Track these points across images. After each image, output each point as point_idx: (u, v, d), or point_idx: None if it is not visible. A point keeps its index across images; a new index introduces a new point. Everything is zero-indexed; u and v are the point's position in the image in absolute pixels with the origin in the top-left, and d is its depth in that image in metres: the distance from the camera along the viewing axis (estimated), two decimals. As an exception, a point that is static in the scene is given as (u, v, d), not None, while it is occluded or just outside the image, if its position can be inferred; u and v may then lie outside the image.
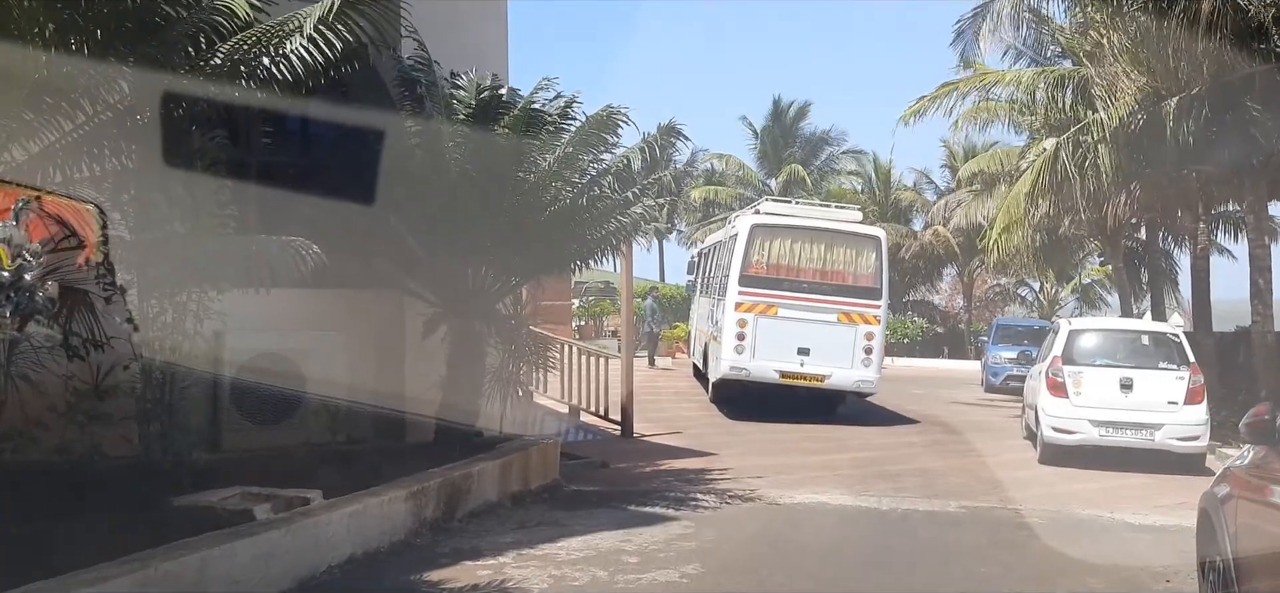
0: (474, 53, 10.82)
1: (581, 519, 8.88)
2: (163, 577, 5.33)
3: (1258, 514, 4.42)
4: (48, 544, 5.77)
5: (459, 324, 10.05)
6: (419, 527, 7.94)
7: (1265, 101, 16.69)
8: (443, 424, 10.02)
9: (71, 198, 5.68)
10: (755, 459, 12.59)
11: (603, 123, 9.39)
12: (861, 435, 15.60)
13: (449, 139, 9.29)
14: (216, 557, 5.72)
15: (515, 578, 6.90)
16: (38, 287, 5.70)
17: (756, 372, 16.67)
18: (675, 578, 7.03)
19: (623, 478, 11.27)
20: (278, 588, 6.14)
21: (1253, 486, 4.63)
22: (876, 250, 17.11)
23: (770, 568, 7.64)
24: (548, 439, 11.45)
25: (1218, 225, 26.50)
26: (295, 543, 6.42)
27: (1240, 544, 4.60)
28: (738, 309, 16.72)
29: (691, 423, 16.11)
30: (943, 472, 12.39)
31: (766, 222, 17.47)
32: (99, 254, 7.04)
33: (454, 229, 9.39)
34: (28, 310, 6.15)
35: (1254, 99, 16.92)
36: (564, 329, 20.92)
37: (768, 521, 9.30)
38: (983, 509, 10.03)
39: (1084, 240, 28.74)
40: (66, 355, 6.69)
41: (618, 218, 10.27)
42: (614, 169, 9.95)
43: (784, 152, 49.48)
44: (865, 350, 16.68)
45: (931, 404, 20.70)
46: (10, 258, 5.52)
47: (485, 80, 9.82)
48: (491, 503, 9.16)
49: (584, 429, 14.81)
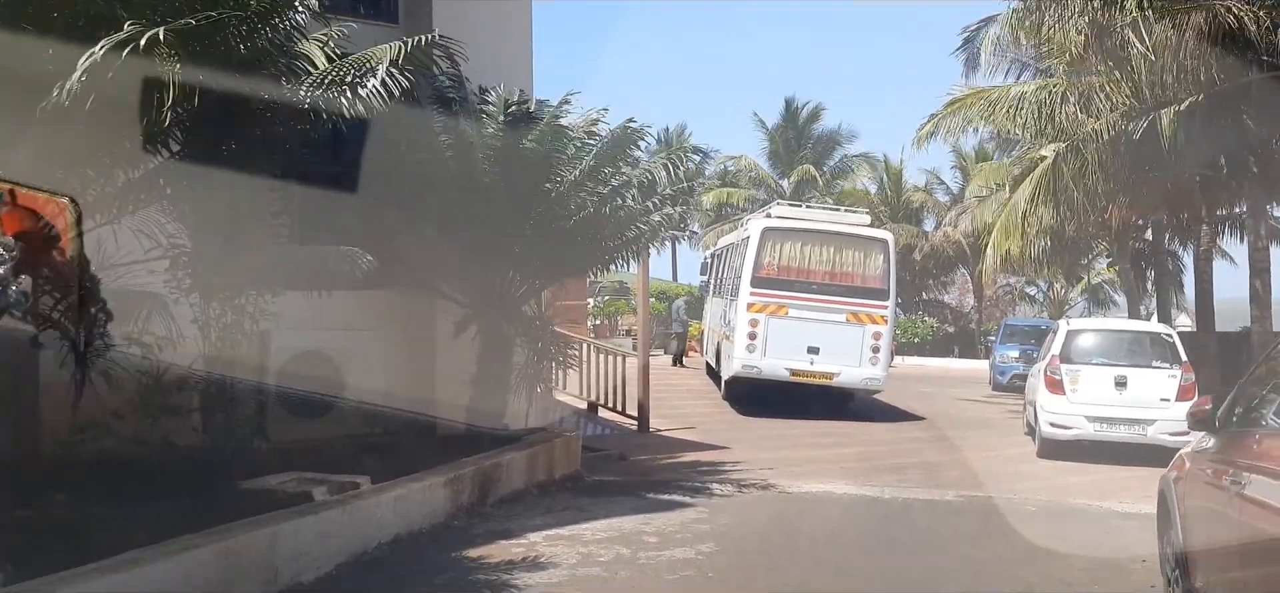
0: (500, 63, 11.47)
1: (603, 505, 9.55)
2: (241, 547, 6.04)
3: (1200, 492, 5.08)
4: (132, 523, 6.45)
5: (488, 324, 10.73)
6: (455, 511, 8.63)
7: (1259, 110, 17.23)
8: (472, 418, 10.69)
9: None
10: (766, 452, 13.23)
11: (623, 138, 10.10)
12: (868, 431, 16.26)
13: (480, 152, 9.98)
14: (285, 532, 6.44)
15: (546, 555, 7.58)
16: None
17: (768, 370, 17.33)
18: (691, 555, 7.71)
19: (641, 469, 11.95)
20: (335, 562, 6.84)
21: (1197, 467, 5.31)
22: (884, 253, 17.75)
23: (779, 548, 8.32)
24: (570, 433, 12.15)
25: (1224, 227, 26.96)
26: (350, 522, 7.13)
27: (1187, 518, 5.29)
28: (750, 309, 17.38)
29: (705, 419, 16.77)
30: (944, 465, 13.03)
31: (777, 225, 18.13)
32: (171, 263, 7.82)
33: (485, 236, 10.08)
34: (105, 315, 6.89)
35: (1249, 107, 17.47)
36: (581, 329, 21.60)
37: (777, 508, 9.97)
38: (980, 499, 10.67)
39: (1092, 242, 29.28)
40: (141, 354, 7.47)
41: (637, 226, 10.96)
42: (635, 181, 10.62)
43: (797, 152, 50.02)
44: (873, 349, 17.32)
45: (939, 402, 21.30)
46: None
47: (512, 96, 10.45)
48: (520, 490, 9.85)
49: (603, 424, 15.49)
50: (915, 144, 23.54)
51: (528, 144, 9.80)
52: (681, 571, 7.32)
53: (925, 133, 22.72)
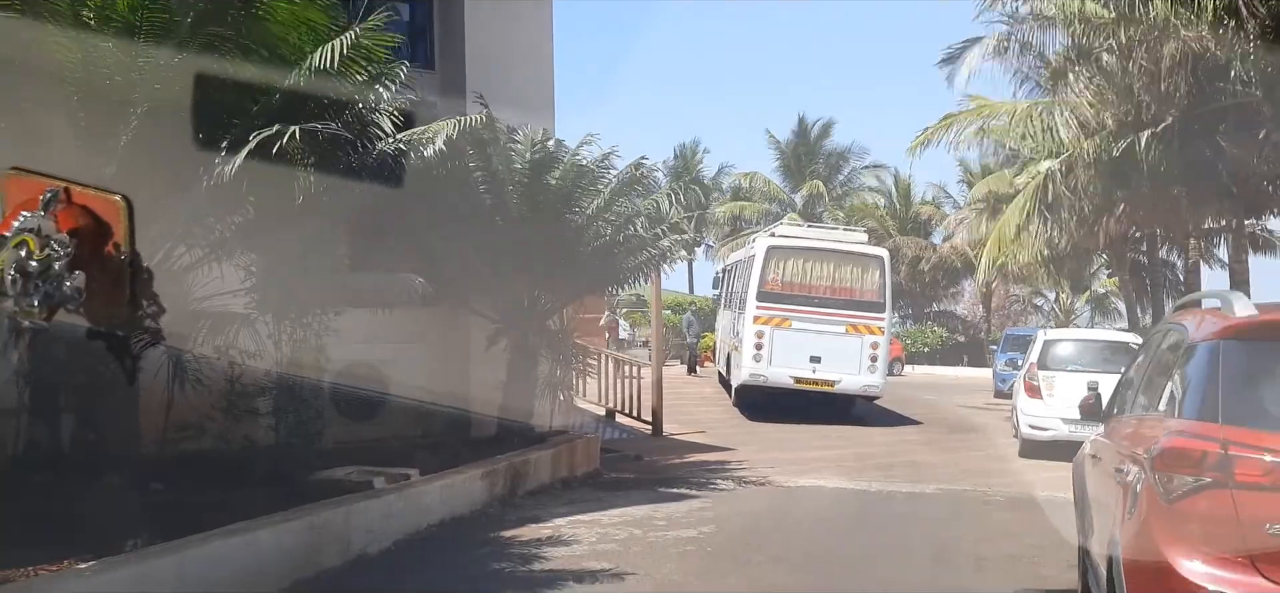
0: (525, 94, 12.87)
1: (619, 497, 10.89)
2: (322, 523, 7.43)
3: (1087, 474, 6.38)
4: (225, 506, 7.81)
5: (517, 338, 12.11)
6: (490, 500, 10.00)
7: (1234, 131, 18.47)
8: (502, 421, 12.08)
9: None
10: (769, 453, 14.52)
11: (635, 178, 11.52)
12: (866, 434, 17.52)
13: (510, 186, 11.37)
14: (356, 511, 7.84)
15: (569, 535, 8.93)
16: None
17: (773, 378, 18.65)
18: (694, 534, 9.05)
19: (653, 468, 13.29)
20: (393, 539, 8.20)
21: (1086, 453, 6.63)
22: (880, 268, 19.05)
23: (768, 529, 9.63)
24: (590, 435, 13.53)
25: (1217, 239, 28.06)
26: (406, 506, 8.51)
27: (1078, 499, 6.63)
28: (756, 322, 18.71)
29: (715, 424, 18.08)
30: (931, 463, 14.28)
31: (781, 244, 19.48)
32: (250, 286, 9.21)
33: (514, 260, 11.46)
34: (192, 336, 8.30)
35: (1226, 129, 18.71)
36: (599, 341, 23.01)
37: (773, 499, 11.28)
38: (956, 491, 11.93)
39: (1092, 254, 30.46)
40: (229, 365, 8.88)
41: (649, 250, 12.35)
42: (644, 211, 12.00)
43: (807, 167, 51.24)
44: (871, 358, 18.61)
45: (940, 409, 22.51)
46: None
47: (537, 136, 11.84)
48: (545, 485, 11.21)
49: (619, 428, 16.84)
50: (909, 153, 24.69)
51: (551, 181, 11.19)
52: (684, 546, 8.65)
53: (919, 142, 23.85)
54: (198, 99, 6.95)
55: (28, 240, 5.38)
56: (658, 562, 8.13)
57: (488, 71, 12.94)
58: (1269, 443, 3.85)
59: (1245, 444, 3.85)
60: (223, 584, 6.32)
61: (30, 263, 5.39)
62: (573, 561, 8.05)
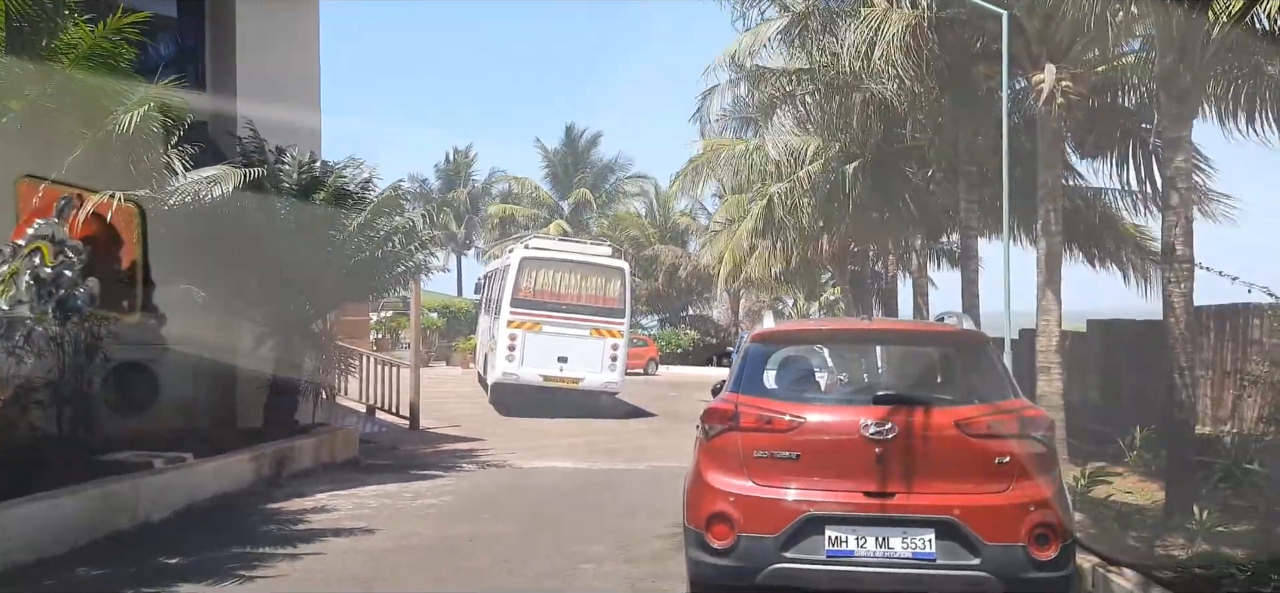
0: (293, 110, 14.25)
1: (375, 478, 12.62)
2: (113, 494, 8.87)
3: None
4: (27, 484, 8.99)
5: (282, 340, 13.54)
6: (258, 480, 11.51)
7: (915, 168, 22.00)
8: (269, 414, 13.49)
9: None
10: (514, 442, 16.55)
11: (391, 201, 13.26)
12: (606, 425, 19.88)
13: (278, 205, 12.82)
14: (142, 484, 9.31)
15: (329, 505, 10.63)
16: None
17: (525, 376, 20.74)
18: (435, 502, 10.97)
19: (407, 455, 15.03)
20: (174, 509, 9.66)
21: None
22: (621, 279, 21.52)
23: (499, 501, 11.63)
24: (350, 426, 15.12)
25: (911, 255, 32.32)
26: (183, 482, 9.97)
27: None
28: (510, 326, 20.75)
29: (470, 418, 19.96)
30: (652, 447, 16.71)
31: (534, 255, 21.61)
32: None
33: (282, 272, 12.91)
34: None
35: (908, 167, 22.24)
36: (363, 342, 24.39)
37: (509, 477, 13.30)
38: (664, 467, 14.26)
39: (816, 267, 34.32)
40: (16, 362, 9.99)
41: (406, 263, 14.13)
42: (401, 227, 13.72)
43: (575, 176, 53.86)
44: (611, 359, 21.02)
45: (679, 403, 25.18)
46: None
47: (305, 158, 13.33)
48: (309, 469, 12.77)
49: (379, 423, 18.43)
50: (672, 193, 28.05)
51: (317, 200, 12.75)
52: (426, 511, 10.55)
53: (676, 189, 26.98)
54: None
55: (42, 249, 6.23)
56: (403, 521, 9.98)
57: (258, 90, 14.29)
58: (759, 404, 6.25)
59: (746, 405, 6.25)
60: (37, 538, 7.72)
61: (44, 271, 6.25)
62: (332, 523, 9.77)
